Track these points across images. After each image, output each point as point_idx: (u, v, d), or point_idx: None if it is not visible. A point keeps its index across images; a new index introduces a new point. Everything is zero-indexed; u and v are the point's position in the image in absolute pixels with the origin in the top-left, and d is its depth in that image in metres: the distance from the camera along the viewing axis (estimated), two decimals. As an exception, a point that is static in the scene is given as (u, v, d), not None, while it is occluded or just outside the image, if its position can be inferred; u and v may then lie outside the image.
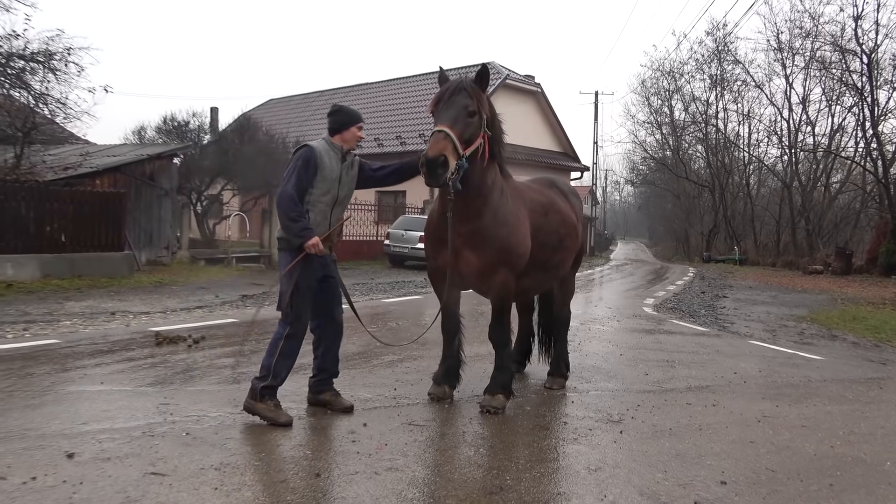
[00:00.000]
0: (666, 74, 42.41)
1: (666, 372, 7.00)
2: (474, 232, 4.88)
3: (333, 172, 4.68)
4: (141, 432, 4.29)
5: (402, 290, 14.47)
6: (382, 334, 8.29)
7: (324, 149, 4.70)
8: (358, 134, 4.79)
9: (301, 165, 4.58)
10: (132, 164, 16.23)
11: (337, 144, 4.76)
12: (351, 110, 4.84)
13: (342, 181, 4.75)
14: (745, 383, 6.67)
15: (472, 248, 4.90)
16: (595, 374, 6.72)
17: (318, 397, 4.99)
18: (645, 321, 11.13)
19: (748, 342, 9.49)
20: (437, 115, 4.59)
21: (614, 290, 17.53)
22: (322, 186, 4.64)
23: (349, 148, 4.80)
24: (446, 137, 4.39)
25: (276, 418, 4.56)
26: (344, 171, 4.77)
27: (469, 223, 4.87)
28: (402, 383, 5.89)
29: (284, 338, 4.62)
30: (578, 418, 5.12)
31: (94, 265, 13.38)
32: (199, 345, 7.18)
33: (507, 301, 5.15)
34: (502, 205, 4.96)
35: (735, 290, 18.62)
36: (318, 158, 4.61)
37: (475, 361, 6.71)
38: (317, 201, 4.64)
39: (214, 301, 11.21)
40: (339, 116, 4.79)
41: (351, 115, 4.79)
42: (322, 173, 4.62)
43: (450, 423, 4.88)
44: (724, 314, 12.89)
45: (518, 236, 5.03)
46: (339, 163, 4.73)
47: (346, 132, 4.76)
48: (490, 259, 4.89)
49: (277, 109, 38.25)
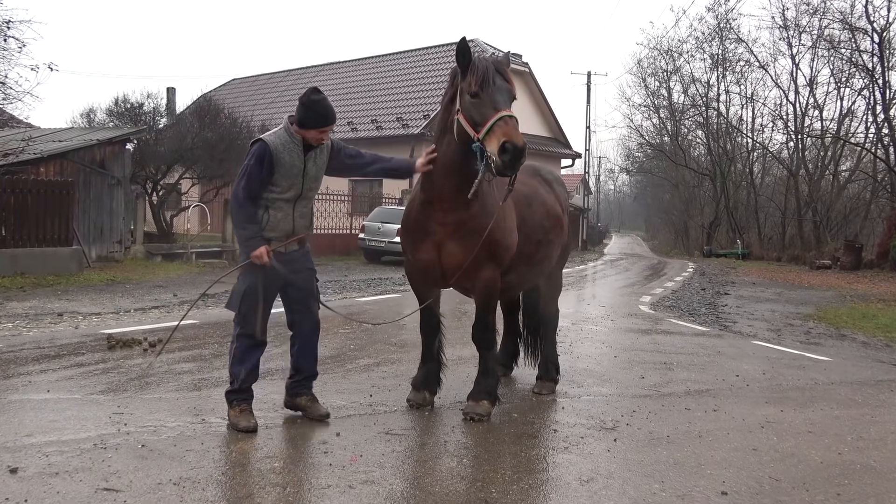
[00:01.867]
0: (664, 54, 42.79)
1: (663, 375, 7.06)
2: (461, 223, 4.88)
3: (294, 168, 4.60)
4: (92, 444, 4.26)
5: (379, 287, 14.46)
6: (357, 335, 8.28)
7: (281, 142, 4.57)
8: (318, 137, 4.64)
9: (253, 164, 4.51)
10: (80, 150, 16.04)
11: (297, 136, 4.62)
12: (318, 109, 4.59)
13: (307, 174, 4.68)
14: (748, 387, 6.75)
15: (457, 241, 4.90)
16: (587, 377, 6.77)
17: (294, 401, 4.98)
18: (641, 321, 11.22)
19: (751, 342, 9.60)
20: (490, 97, 4.47)
21: (608, 288, 17.64)
22: (282, 184, 4.58)
23: (313, 143, 4.68)
24: (518, 124, 4.41)
25: (235, 423, 4.61)
26: (310, 163, 4.69)
27: (455, 212, 4.87)
28: (378, 389, 5.89)
29: (235, 338, 4.70)
30: (569, 425, 5.15)
31: (38, 262, 13.22)
32: (156, 349, 7.13)
33: (492, 299, 5.17)
34: (489, 195, 4.97)
35: (737, 287, 18.83)
36: (273, 155, 4.51)
37: (458, 365, 6.73)
38: (276, 199, 4.60)
39: (172, 301, 11.13)
40: (303, 112, 4.59)
41: (314, 116, 4.58)
42: (280, 170, 4.55)
43: (430, 432, 4.88)
44: (726, 313, 13.03)
45: (505, 229, 5.04)
46: (300, 155, 4.62)
47: (306, 132, 4.62)
48: (476, 254, 4.89)
49: (241, 90, 37.99)
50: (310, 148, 4.68)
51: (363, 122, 28.35)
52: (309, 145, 4.67)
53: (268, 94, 35.26)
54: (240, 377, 4.67)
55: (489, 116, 4.40)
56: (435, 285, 5.32)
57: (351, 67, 34.93)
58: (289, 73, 37.67)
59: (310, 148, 4.68)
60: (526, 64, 31.71)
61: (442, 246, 4.94)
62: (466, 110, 4.54)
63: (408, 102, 28.49)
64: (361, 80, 32.65)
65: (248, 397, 4.75)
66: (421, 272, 5.20)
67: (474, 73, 4.53)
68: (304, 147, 4.65)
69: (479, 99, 4.49)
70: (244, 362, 4.68)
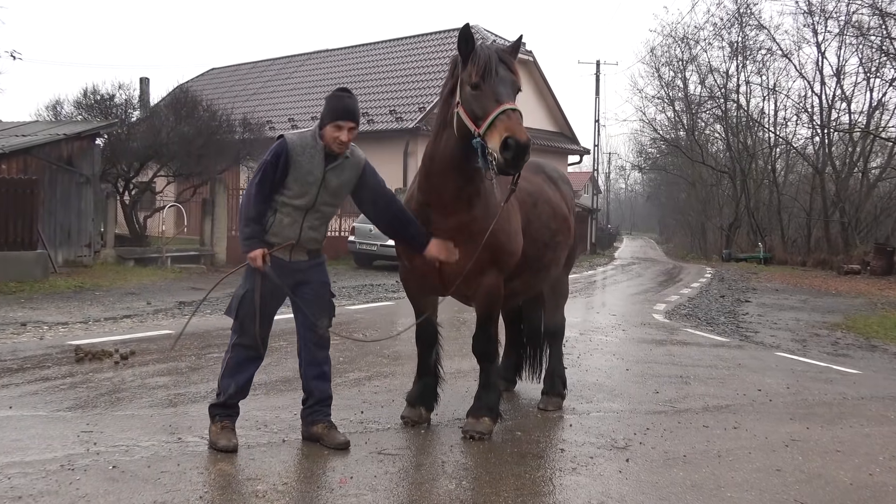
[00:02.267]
0: (679, 41, 42.88)
1: (679, 389, 7.07)
2: (462, 226, 4.87)
3: (311, 175, 4.54)
4: (59, 466, 4.24)
5: (370, 294, 14.45)
6: (346, 347, 8.28)
7: (302, 143, 4.56)
8: (334, 135, 4.53)
9: (269, 161, 4.54)
10: (46, 145, 16.02)
11: (320, 141, 4.57)
12: (335, 102, 4.56)
13: (326, 186, 4.59)
14: (771, 402, 6.76)
15: (457, 246, 4.90)
16: (597, 392, 6.77)
17: (310, 430, 4.85)
18: (655, 330, 11.23)
19: (774, 354, 9.61)
20: (491, 88, 4.46)
21: (619, 295, 17.65)
22: (294, 188, 4.55)
23: (338, 153, 4.59)
24: (521, 118, 4.40)
25: (214, 441, 4.57)
26: (331, 175, 4.60)
27: (456, 215, 4.87)
28: (370, 405, 5.89)
29: (231, 347, 4.68)
30: (577, 445, 5.16)
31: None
32: (128, 361, 7.12)
33: (494, 308, 5.17)
34: (493, 194, 4.98)
35: (759, 294, 18.86)
36: (289, 154, 4.51)
37: (456, 379, 6.73)
38: (287, 203, 4.58)
39: (146, 309, 11.12)
40: (326, 104, 4.57)
41: (330, 109, 4.54)
42: (295, 173, 4.52)
43: (427, 452, 4.88)
44: (747, 322, 13.04)
45: (510, 231, 5.05)
46: (321, 162, 4.56)
47: (323, 130, 4.57)
48: (480, 256, 4.89)
49: (221, 80, 37.98)
50: (334, 159, 4.60)
51: (353, 116, 28.28)
52: (334, 156, 4.59)
53: (250, 84, 35.26)
54: (228, 391, 4.64)
55: (491, 110, 4.37)
56: (433, 293, 5.32)
57: (340, 56, 34.97)
58: (273, 61, 37.69)
59: (334, 159, 4.60)
60: (530, 52, 31.75)
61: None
62: (467, 103, 4.51)
63: (402, 94, 28.50)
64: (351, 70, 32.68)
65: (233, 414, 4.72)
66: (418, 279, 5.20)
67: (475, 63, 4.49)
68: (326, 156, 4.58)
69: (480, 91, 4.45)
70: (236, 375, 4.65)
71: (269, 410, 5.55)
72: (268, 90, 34.19)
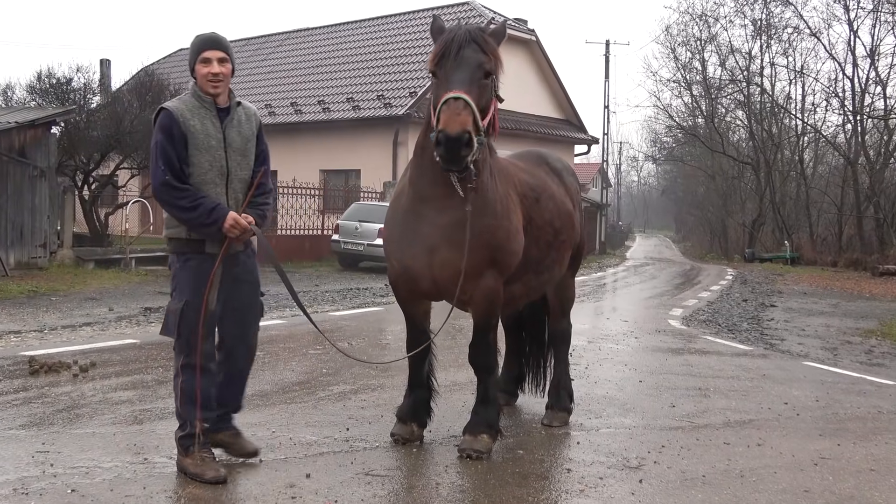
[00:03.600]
0: (697, 19, 42.92)
1: (698, 403, 7.09)
2: (457, 224, 4.88)
3: (211, 137, 4.49)
4: (11, 490, 4.24)
5: (357, 299, 14.45)
6: (330, 357, 8.28)
7: (188, 107, 4.48)
8: (204, 71, 4.47)
9: (163, 140, 4.40)
10: (-4, 134, 15.97)
11: (206, 96, 4.52)
12: (194, 39, 4.55)
13: (230, 145, 4.55)
14: (799, 416, 6.79)
15: (452, 246, 4.91)
16: (607, 406, 6.79)
17: (213, 437, 4.77)
18: (671, 338, 11.26)
19: (802, 364, 9.64)
20: (445, 75, 4.54)
21: (632, 298, 17.69)
22: (201, 161, 4.46)
23: (214, 93, 4.51)
24: (467, 108, 4.37)
25: (201, 474, 4.47)
26: (230, 131, 4.56)
27: (451, 212, 4.88)
28: (356, 421, 5.89)
29: (180, 370, 4.55)
30: (586, 464, 5.17)
31: (-55, 269, 13.16)
32: (88, 374, 7.10)
33: (493, 313, 5.18)
34: (492, 189, 5.00)
35: (786, 298, 18.91)
36: (180, 123, 4.40)
37: (452, 392, 6.74)
38: (200, 183, 4.46)
39: (108, 316, 11.10)
40: (190, 51, 4.54)
41: (192, 47, 4.52)
42: (194, 142, 4.43)
43: (419, 473, 4.89)
44: (772, 328, 13.08)
45: (510, 229, 5.06)
46: (215, 121, 4.52)
47: (194, 74, 4.52)
48: (476, 259, 4.91)
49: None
50: (227, 113, 4.58)
51: (337, 102, 28.35)
52: (225, 109, 4.57)
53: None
54: (191, 419, 4.53)
55: (440, 100, 4.46)
56: (425, 298, 5.32)
57: (323, 35, 34.96)
58: (248, 41, 37.68)
59: (227, 113, 4.58)
60: (532, 31, 31.79)
61: (434, 251, 4.94)
62: (432, 92, 4.64)
63: (391, 77, 28.50)
64: (335, 51, 32.67)
65: (208, 441, 4.62)
66: (408, 282, 5.21)
67: (434, 49, 4.62)
68: (218, 112, 4.55)
69: (437, 79, 4.58)
70: (192, 400, 4.51)
71: (244, 427, 5.49)
72: (242, 73, 34.07)
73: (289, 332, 10.11)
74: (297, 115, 28.75)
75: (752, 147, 42.85)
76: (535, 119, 31.44)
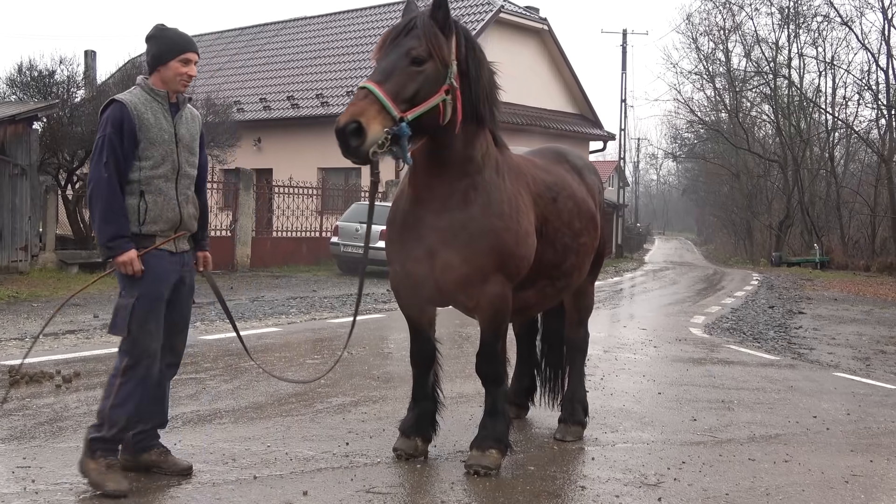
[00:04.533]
0: (721, 7, 42.94)
1: (721, 416, 7.08)
2: (459, 226, 4.89)
3: (164, 131, 4.59)
4: (-10, 507, 4.26)
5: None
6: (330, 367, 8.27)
7: (141, 100, 4.57)
8: (183, 70, 4.62)
9: (112, 133, 4.46)
10: (-26, 130, 16.02)
11: (160, 90, 4.62)
12: (173, 35, 4.66)
13: (182, 141, 4.67)
14: (829, 430, 6.77)
15: (453, 249, 4.91)
16: (624, 419, 6.79)
17: (139, 458, 4.79)
18: (692, 347, 11.25)
19: (832, 375, 9.62)
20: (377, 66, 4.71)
21: (650, 305, 17.67)
22: (153, 155, 4.55)
23: (175, 91, 4.66)
24: (367, 96, 4.46)
25: (101, 483, 4.44)
26: (180, 126, 4.69)
27: (450, 213, 4.90)
28: (356, 435, 5.90)
29: (122, 371, 4.54)
30: (601, 481, 5.17)
31: (-80, 273, 13.20)
32: (72, 384, 7.12)
33: (501, 321, 5.18)
34: (498, 187, 5.00)
35: (815, 304, 18.87)
36: (134, 117, 4.49)
37: (458, 404, 6.74)
38: (152, 177, 4.54)
39: (92, 323, 11.12)
40: (153, 45, 4.62)
41: (170, 42, 4.61)
42: (147, 135, 4.52)
43: (423, 491, 4.89)
44: (801, 337, 13.05)
45: (519, 232, 5.06)
46: (167, 115, 4.63)
47: (164, 69, 4.60)
48: (479, 263, 4.91)
49: (180, 54, 37.98)
50: (176, 108, 4.69)
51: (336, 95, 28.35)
52: (175, 106, 4.68)
53: (214, 58, 35.31)
54: (119, 424, 4.51)
55: None
56: (428, 304, 5.33)
57: (322, 24, 35.02)
58: (241, 31, 37.80)
59: (176, 108, 4.69)
60: (544, 20, 31.83)
61: (436, 255, 4.96)
62: None
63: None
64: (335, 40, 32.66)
65: (117, 449, 4.62)
66: (410, 288, 5.21)
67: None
68: (169, 106, 4.65)
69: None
70: (127, 405, 4.51)
71: (237, 442, 5.56)
72: (235, 65, 34.24)
73: (284, 341, 10.13)
74: (294, 109, 28.80)
75: (778, 143, 42.81)
76: (546, 113, 31.44)
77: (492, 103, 5.08)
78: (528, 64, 30.39)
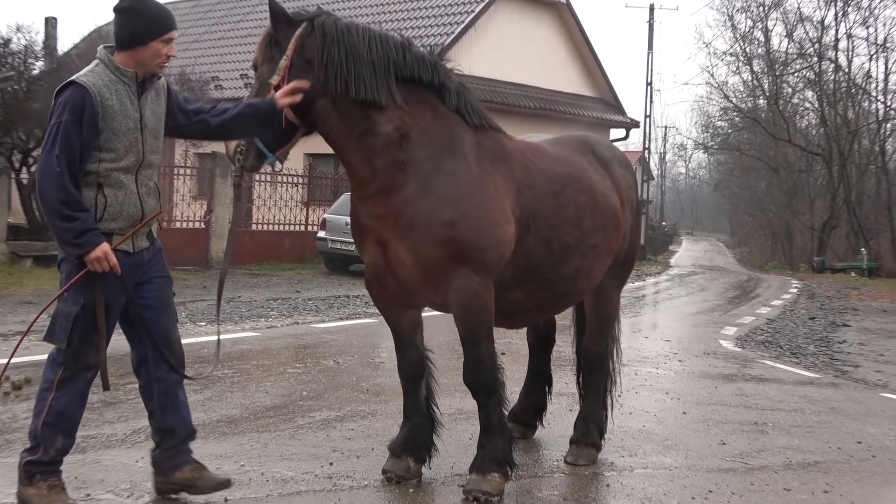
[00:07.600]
0: (760, -20, 42.85)
1: (753, 441, 7.07)
2: (396, 214, 4.95)
3: (129, 118, 4.46)
4: (-74, 529, 4.24)
5: (345, 309, 14.45)
6: (312, 377, 8.27)
7: (105, 82, 4.43)
8: (164, 50, 4.52)
9: (69, 121, 4.30)
10: (-82, 105, 16.03)
11: (128, 70, 4.49)
12: (149, 8, 4.51)
13: (147, 127, 4.56)
14: (875, 458, 6.75)
15: (399, 241, 4.96)
16: (644, 442, 6.77)
17: (173, 477, 4.74)
18: (722, 362, 11.23)
19: (880, 395, 9.61)
20: None
21: (676, 314, 17.66)
22: (117, 146, 4.43)
23: (150, 72, 4.56)
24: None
25: None
26: (147, 110, 4.57)
27: (381, 200, 4.98)
28: (341, 455, 5.89)
29: (55, 385, 4.50)
30: (617, 511, 5.16)
31: None
32: (22, 392, 7.12)
33: (476, 320, 5.13)
34: (445, 170, 4.99)
35: (861, 316, 18.85)
36: (97, 104, 4.34)
37: (458, 421, 6.73)
38: (112, 170, 4.44)
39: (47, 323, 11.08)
40: (128, 20, 4.46)
41: (151, 20, 4.47)
42: (110, 124, 4.39)
43: (416, 518, 4.88)
44: (844, 352, 13.03)
45: (482, 219, 5.01)
46: (134, 98, 4.50)
47: (143, 49, 4.46)
48: (431, 254, 4.92)
49: (152, 23, 37.95)
50: (143, 88, 4.57)
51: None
52: (142, 85, 4.56)
53: (190, 29, 35.27)
54: (55, 445, 4.48)
55: None
56: (397, 301, 5.32)
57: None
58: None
59: (143, 88, 4.57)
60: (562, -8, 31.79)
61: (385, 247, 5.05)
62: None
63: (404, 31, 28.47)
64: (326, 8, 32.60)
65: (59, 469, 4.58)
66: (377, 284, 5.31)
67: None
68: (137, 87, 4.53)
69: None
70: (61, 423, 4.49)
71: (207, 460, 5.49)
72: (213, 36, 34.22)
73: (263, 347, 10.12)
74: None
75: (823, 135, 42.80)
76: (562, 97, 31.38)
77: (355, 78, 4.89)
78: (542, 41, 30.32)
